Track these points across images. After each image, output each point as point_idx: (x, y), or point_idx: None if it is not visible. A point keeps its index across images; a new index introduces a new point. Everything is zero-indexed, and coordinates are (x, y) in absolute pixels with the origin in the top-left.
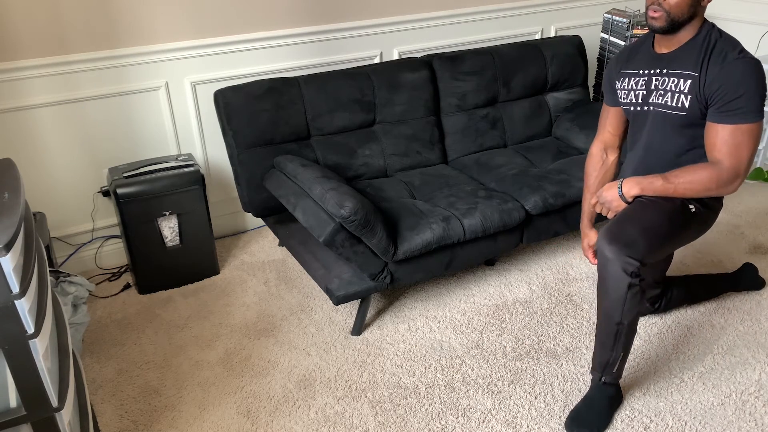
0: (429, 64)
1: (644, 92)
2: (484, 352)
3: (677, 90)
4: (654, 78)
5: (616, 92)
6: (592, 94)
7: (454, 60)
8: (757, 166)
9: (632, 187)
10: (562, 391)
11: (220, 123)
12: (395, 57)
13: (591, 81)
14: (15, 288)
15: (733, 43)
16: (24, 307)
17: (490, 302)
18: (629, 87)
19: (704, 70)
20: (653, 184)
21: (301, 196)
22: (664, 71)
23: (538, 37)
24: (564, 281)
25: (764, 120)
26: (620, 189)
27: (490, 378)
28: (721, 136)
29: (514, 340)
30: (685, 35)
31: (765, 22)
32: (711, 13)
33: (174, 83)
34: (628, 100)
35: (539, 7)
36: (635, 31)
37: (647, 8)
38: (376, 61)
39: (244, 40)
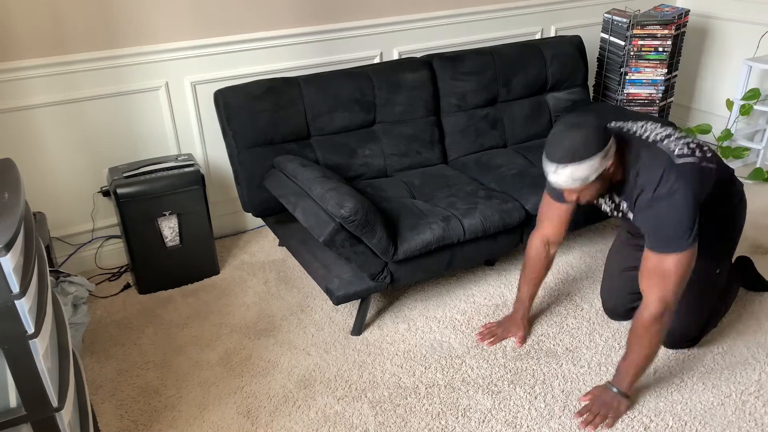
0: (429, 64)
1: (612, 205)
2: (484, 352)
3: (624, 208)
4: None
5: None
6: (592, 94)
7: (454, 60)
8: (757, 166)
9: (622, 382)
10: (562, 391)
11: (220, 123)
12: (395, 57)
13: (591, 81)
14: (15, 288)
15: (658, 177)
16: (24, 307)
17: (490, 302)
18: (598, 202)
19: (636, 207)
20: (630, 369)
21: (301, 196)
22: (617, 195)
23: (538, 37)
24: (564, 281)
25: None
26: (615, 389)
27: (490, 378)
28: (650, 262)
29: (514, 339)
30: (620, 177)
31: (765, 22)
32: (711, 13)
33: (174, 83)
34: (602, 208)
35: (539, 7)
36: (635, 31)
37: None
38: (376, 61)
39: (244, 40)
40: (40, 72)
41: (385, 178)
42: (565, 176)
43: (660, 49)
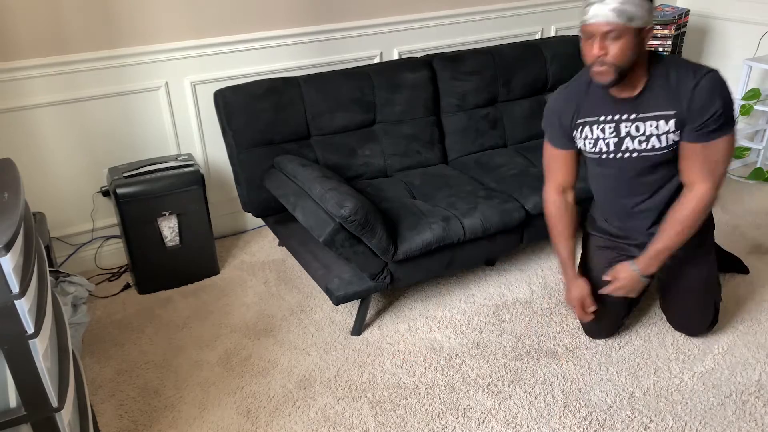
0: (429, 64)
1: (615, 139)
2: (484, 352)
3: (661, 132)
4: (623, 124)
5: (573, 140)
6: None
7: (454, 60)
8: (757, 166)
9: (649, 266)
10: (562, 391)
11: (220, 123)
12: (395, 57)
13: None
14: (15, 288)
15: (692, 68)
16: (24, 307)
17: (490, 302)
18: (595, 136)
19: (681, 103)
20: (662, 254)
21: (301, 196)
22: (637, 116)
23: (538, 37)
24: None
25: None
26: (638, 271)
27: (490, 378)
28: (700, 155)
29: (514, 340)
30: (641, 75)
31: (765, 22)
32: (711, 13)
33: (174, 83)
34: (598, 149)
35: (539, 7)
36: None
37: (590, 66)
38: (376, 61)
39: (244, 40)
40: (40, 72)
41: (385, 178)
42: (613, 5)
43: (660, 49)
